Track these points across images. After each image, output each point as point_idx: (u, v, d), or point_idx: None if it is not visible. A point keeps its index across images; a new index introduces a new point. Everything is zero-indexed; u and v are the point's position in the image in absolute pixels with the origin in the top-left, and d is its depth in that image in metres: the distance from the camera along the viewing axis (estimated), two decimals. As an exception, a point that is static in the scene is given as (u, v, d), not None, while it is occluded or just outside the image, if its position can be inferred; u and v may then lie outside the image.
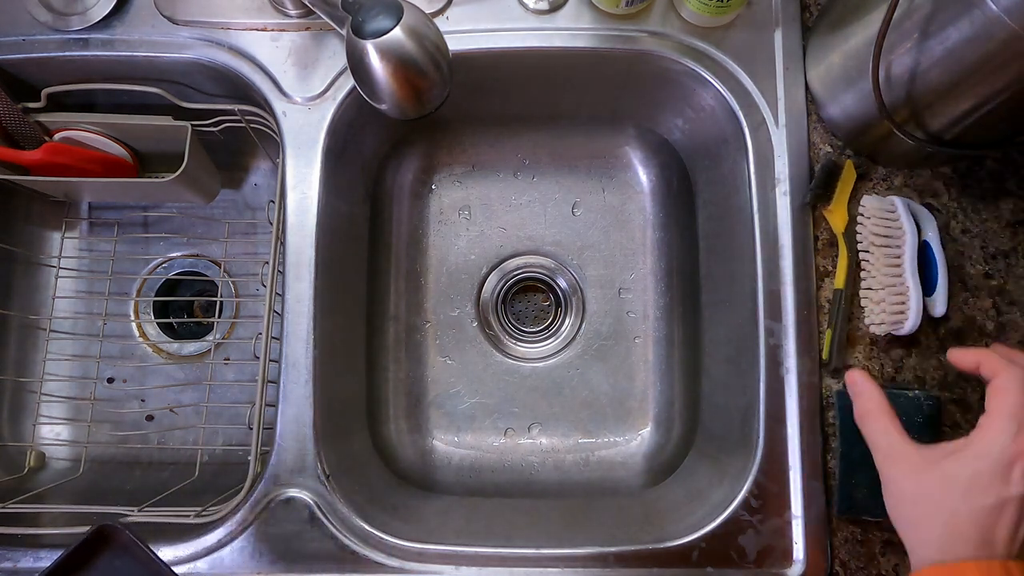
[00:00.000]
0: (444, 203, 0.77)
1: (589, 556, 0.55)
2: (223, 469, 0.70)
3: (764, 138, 0.58)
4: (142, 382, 0.74)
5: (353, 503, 0.56)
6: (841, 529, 0.55)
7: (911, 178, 0.59)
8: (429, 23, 0.45)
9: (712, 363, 0.67)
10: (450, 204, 0.77)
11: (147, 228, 0.76)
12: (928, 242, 0.56)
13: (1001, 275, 0.57)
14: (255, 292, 0.75)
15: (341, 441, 0.61)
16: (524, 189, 0.77)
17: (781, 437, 0.55)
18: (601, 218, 0.77)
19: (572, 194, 0.77)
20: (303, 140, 0.60)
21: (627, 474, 0.70)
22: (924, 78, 0.48)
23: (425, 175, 0.77)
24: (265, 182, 0.76)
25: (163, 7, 0.60)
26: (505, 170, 0.78)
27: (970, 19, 0.42)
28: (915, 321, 0.54)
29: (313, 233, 0.59)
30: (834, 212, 0.57)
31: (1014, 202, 0.58)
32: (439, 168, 0.77)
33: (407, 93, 0.45)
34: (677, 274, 0.73)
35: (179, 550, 0.55)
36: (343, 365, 0.65)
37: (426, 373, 0.75)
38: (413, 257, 0.75)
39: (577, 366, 0.75)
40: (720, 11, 0.57)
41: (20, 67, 0.61)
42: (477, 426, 0.74)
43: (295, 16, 0.60)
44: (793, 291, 0.56)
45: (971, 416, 0.56)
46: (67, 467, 0.71)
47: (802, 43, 0.60)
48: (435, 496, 0.67)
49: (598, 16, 0.60)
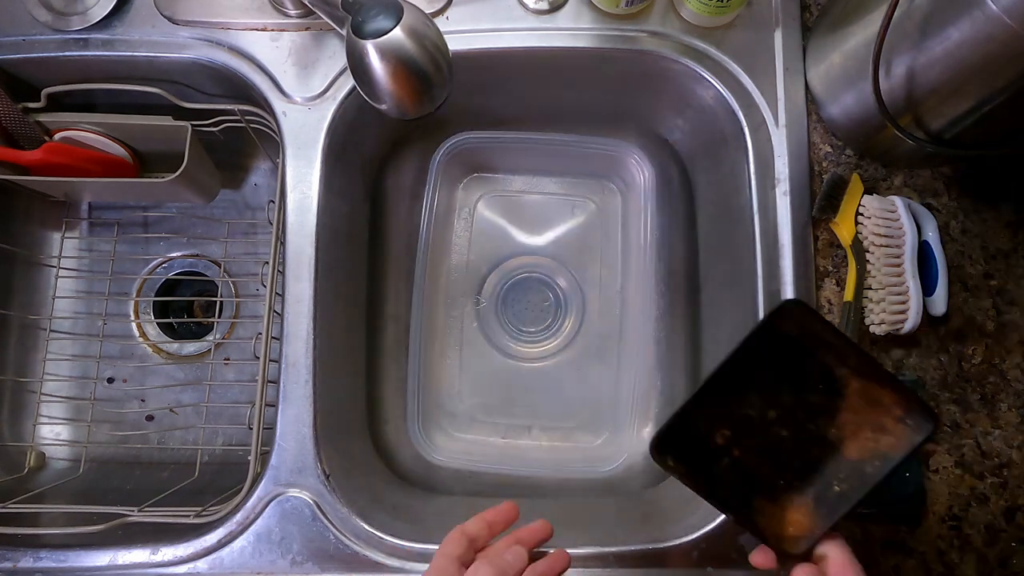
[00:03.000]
0: (444, 203, 0.77)
1: (589, 556, 0.55)
2: (223, 469, 0.70)
3: (764, 138, 0.58)
4: (142, 382, 0.74)
5: (353, 503, 0.56)
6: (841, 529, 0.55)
7: (911, 178, 0.59)
8: (429, 23, 0.45)
9: (712, 363, 0.66)
10: (450, 204, 0.77)
11: (147, 228, 0.76)
12: (928, 242, 0.56)
13: (1001, 275, 0.57)
14: (255, 292, 0.75)
15: (341, 441, 0.61)
16: (524, 189, 0.77)
17: (781, 437, 0.55)
18: (601, 218, 0.77)
19: (572, 194, 0.77)
20: (303, 140, 0.60)
21: (627, 474, 0.70)
22: (924, 78, 0.48)
23: (425, 175, 0.77)
24: (265, 182, 0.76)
25: (163, 7, 0.60)
26: (505, 170, 0.78)
27: (970, 19, 0.42)
28: (915, 321, 0.54)
29: (313, 233, 0.59)
30: (841, 224, 0.56)
31: (1014, 202, 0.58)
32: (439, 168, 0.77)
33: (407, 93, 0.45)
34: (677, 274, 0.73)
35: (179, 550, 0.55)
36: (343, 365, 0.65)
37: (426, 373, 0.75)
38: (413, 257, 0.75)
39: (577, 366, 0.75)
40: (720, 11, 0.57)
41: (20, 67, 0.61)
42: (477, 426, 0.74)
43: (295, 16, 0.60)
44: (793, 291, 0.56)
45: (971, 416, 0.56)
46: (67, 467, 0.71)
47: (802, 43, 0.60)
48: (435, 496, 0.67)
49: (598, 16, 0.60)
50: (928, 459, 0.55)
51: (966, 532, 0.55)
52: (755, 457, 0.40)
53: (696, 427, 0.40)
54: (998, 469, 0.55)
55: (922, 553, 0.54)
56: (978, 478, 0.55)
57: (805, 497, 0.40)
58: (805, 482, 0.40)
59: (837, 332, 0.39)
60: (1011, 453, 0.55)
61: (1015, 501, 0.55)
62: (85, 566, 0.55)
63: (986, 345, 0.56)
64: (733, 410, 0.40)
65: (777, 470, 0.40)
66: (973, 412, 0.56)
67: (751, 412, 0.40)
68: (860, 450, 0.39)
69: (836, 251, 0.58)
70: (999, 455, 0.55)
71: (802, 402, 0.40)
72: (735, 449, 0.40)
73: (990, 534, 0.55)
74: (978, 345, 0.57)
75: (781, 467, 0.40)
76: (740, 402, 0.40)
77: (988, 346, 0.56)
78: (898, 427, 0.38)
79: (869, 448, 0.39)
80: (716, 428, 0.40)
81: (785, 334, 0.39)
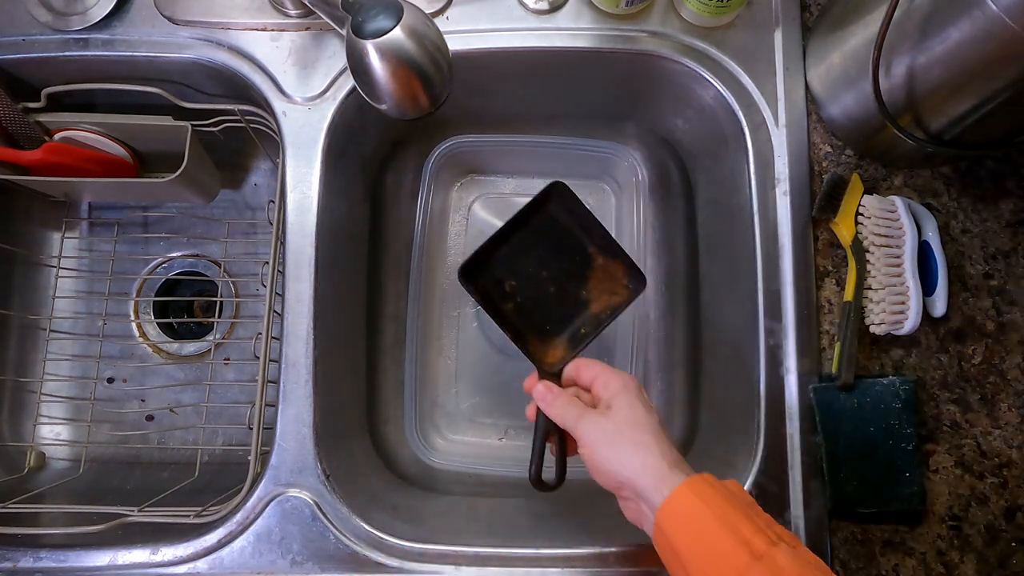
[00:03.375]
0: (444, 203, 0.77)
1: (589, 556, 0.55)
2: (223, 469, 0.70)
3: (764, 138, 0.58)
4: (142, 382, 0.74)
5: (353, 503, 0.56)
6: (841, 529, 0.55)
7: (911, 178, 0.59)
8: (429, 23, 0.45)
9: (712, 363, 0.67)
10: (450, 204, 0.77)
11: (147, 228, 0.76)
12: (928, 242, 0.56)
13: (1001, 275, 0.57)
14: (255, 292, 0.75)
15: (341, 441, 0.61)
16: (524, 189, 0.77)
17: (781, 437, 0.55)
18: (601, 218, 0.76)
19: (572, 194, 0.77)
20: (303, 140, 0.60)
21: (627, 474, 0.70)
22: (924, 78, 0.48)
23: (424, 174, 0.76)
24: (265, 182, 0.76)
25: (163, 7, 0.60)
26: (505, 170, 0.78)
27: (970, 19, 0.42)
28: (915, 321, 0.54)
29: (313, 233, 0.59)
30: (841, 224, 0.56)
31: (1014, 202, 0.58)
32: (439, 168, 0.77)
33: (407, 93, 0.45)
34: (677, 274, 0.73)
35: (179, 550, 0.55)
36: (343, 365, 0.65)
37: (426, 373, 0.75)
38: (413, 257, 0.75)
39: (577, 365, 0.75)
40: (720, 11, 0.57)
41: (20, 67, 0.61)
42: (477, 426, 0.74)
43: (295, 16, 0.60)
44: (793, 291, 0.56)
45: (971, 416, 0.56)
46: (67, 467, 0.71)
47: (802, 43, 0.60)
48: (435, 496, 0.67)
49: (598, 16, 0.60)
50: (928, 459, 0.55)
51: (966, 532, 0.55)
52: (531, 304, 0.55)
53: (493, 273, 0.55)
54: (998, 469, 0.55)
55: (922, 553, 0.54)
56: (978, 478, 0.55)
57: (562, 338, 0.55)
58: (563, 327, 0.55)
59: (590, 215, 0.55)
60: (1011, 453, 0.55)
61: (1015, 501, 0.55)
62: (85, 566, 0.55)
63: (986, 345, 0.56)
64: (518, 267, 0.55)
65: (545, 318, 0.55)
66: (973, 412, 0.56)
67: (531, 270, 0.55)
68: (599, 306, 0.55)
69: (836, 251, 0.58)
70: (999, 455, 0.55)
71: (565, 268, 0.55)
72: (518, 296, 0.55)
73: (990, 534, 0.55)
74: (978, 345, 0.57)
75: (548, 315, 0.55)
76: (524, 261, 0.55)
77: (988, 346, 0.56)
78: (624, 290, 0.55)
79: (605, 304, 0.55)
80: (506, 278, 0.55)
81: (554, 215, 0.55)
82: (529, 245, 0.55)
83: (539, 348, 0.54)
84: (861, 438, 0.54)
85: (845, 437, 0.54)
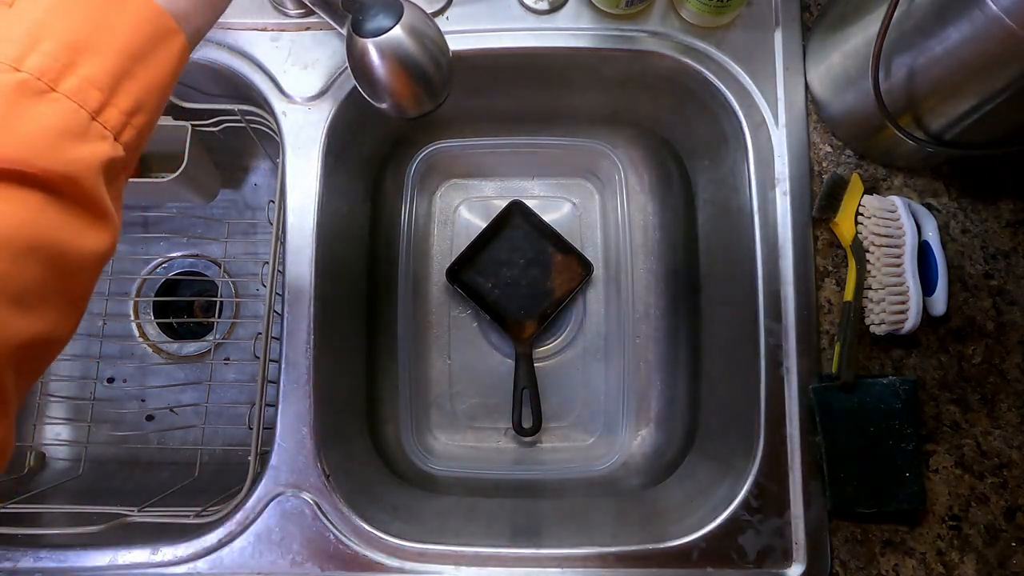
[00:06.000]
0: (444, 203, 0.77)
1: (589, 556, 0.55)
2: (223, 469, 0.70)
3: (764, 138, 0.58)
4: (142, 382, 0.74)
5: (353, 503, 0.56)
6: (841, 529, 0.55)
7: (911, 178, 0.59)
8: (429, 22, 0.45)
9: (712, 363, 0.67)
10: (450, 204, 0.77)
11: (147, 228, 0.76)
12: (928, 242, 0.56)
13: (1001, 275, 0.57)
14: (255, 292, 0.75)
15: (341, 441, 0.61)
16: (524, 189, 0.78)
17: (781, 437, 0.55)
18: (601, 218, 0.77)
19: (572, 194, 0.77)
20: (303, 140, 0.60)
21: (627, 474, 0.70)
22: (924, 78, 0.48)
23: (425, 175, 0.77)
24: (265, 182, 0.76)
25: (163, 7, 0.60)
26: (505, 170, 0.78)
27: (970, 19, 0.42)
28: (915, 321, 0.54)
29: (313, 233, 0.59)
30: (841, 224, 0.56)
31: (1014, 202, 0.58)
32: (439, 168, 0.77)
33: (407, 92, 0.45)
34: (677, 274, 0.73)
35: (179, 550, 0.55)
36: (343, 365, 0.65)
37: (426, 373, 0.75)
38: (413, 257, 0.75)
39: (577, 366, 0.75)
40: (720, 11, 0.57)
41: (20, 67, 0.61)
42: (477, 426, 0.74)
43: (295, 16, 0.60)
44: (793, 291, 0.56)
45: (971, 416, 0.56)
46: (67, 467, 0.71)
47: (802, 43, 0.60)
48: (435, 496, 0.67)
49: (598, 16, 0.60)
50: (928, 459, 0.55)
51: (966, 532, 0.55)
52: (508, 297, 0.74)
53: (475, 273, 0.74)
54: (998, 469, 0.55)
55: (922, 553, 0.54)
56: (978, 478, 0.55)
57: (533, 319, 0.73)
58: (534, 311, 0.73)
59: (546, 223, 0.75)
60: (1011, 453, 0.55)
61: (1015, 501, 0.55)
62: (85, 566, 0.55)
63: (986, 345, 0.56)
64: (495, 269, 0.74)
65: (520, 306, 0.73)
66: (973, 412, 0.56)
67: (506, 270, 0.74)
68: (561, 292, 0.74)
69: (836, 251, 0.58)
70: (999, 455, 0.55)
71: (534, 266, 0.74)
72: (496, 291, 0.74)
73: (990, 534, 0.54)
74: (978, 345, 0.57)
75: (522, 303, 0.73)
76: (499, 264, 0.74)
77: (988, 346, 0.56)
78: (578, 276, 0.74)
79: (566, 289, 0.74)
80: (486, 278, 0.74)
81: (517, 226, 0.75)
82: (502, 250, 0.74)
83: (515, 327, 0.73)
84: (861, 438, 0.54)
85: (845, 437, 0.54)
